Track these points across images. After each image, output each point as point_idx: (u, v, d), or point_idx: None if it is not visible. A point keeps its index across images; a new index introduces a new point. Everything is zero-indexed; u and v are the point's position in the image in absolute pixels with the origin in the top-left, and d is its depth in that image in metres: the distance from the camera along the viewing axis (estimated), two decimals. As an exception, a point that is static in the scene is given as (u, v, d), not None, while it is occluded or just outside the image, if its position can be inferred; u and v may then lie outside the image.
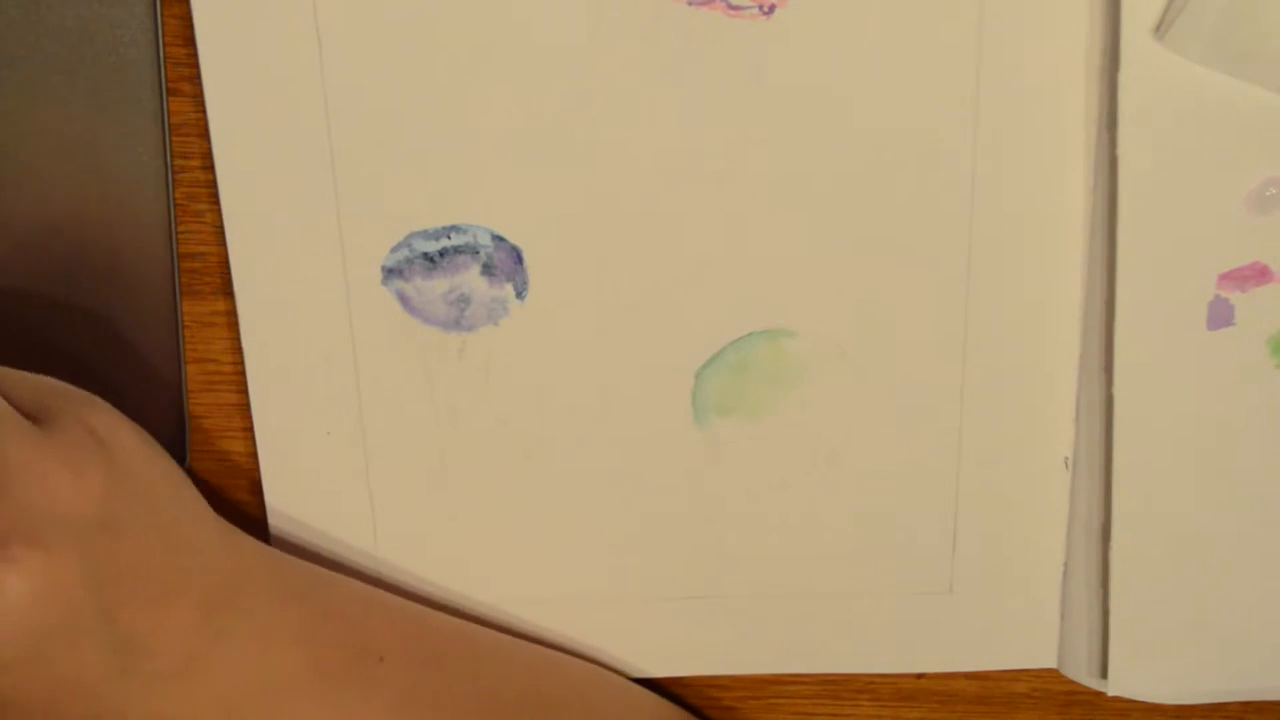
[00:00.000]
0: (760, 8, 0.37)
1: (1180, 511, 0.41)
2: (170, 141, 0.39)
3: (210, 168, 0.39)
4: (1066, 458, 0.42)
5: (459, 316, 0.40)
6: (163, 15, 0.38)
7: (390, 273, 0.40)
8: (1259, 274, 0.39)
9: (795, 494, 0.42)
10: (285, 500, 0.42)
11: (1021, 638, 0.44)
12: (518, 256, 0.40)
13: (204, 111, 0.38)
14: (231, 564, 0.38)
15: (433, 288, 0.40)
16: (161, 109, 0.39)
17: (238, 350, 0.41)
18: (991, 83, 0.38)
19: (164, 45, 0.38)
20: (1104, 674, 0.43)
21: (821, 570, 0.43)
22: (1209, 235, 0.39)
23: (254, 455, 0.42)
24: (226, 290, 0.40)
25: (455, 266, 0.40)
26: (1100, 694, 0.43)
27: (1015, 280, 0.40)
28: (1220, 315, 0.39)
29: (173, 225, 0.40)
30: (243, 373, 0.41)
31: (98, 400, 0.37)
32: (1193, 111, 0.37)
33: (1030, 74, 0.38)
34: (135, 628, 0.35)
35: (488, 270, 0.40)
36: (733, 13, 0.37)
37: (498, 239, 0.40)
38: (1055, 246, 0.40)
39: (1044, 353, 0.41)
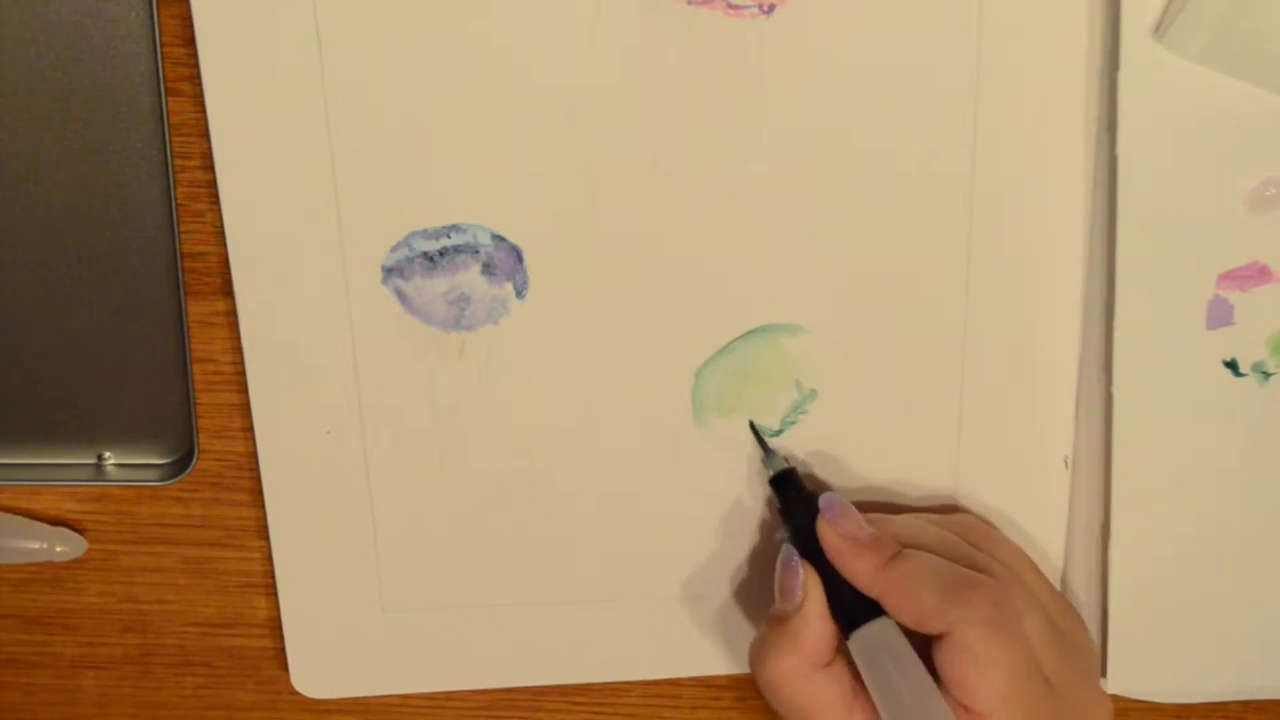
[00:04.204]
0: (760, 7, 0.37)
1: (1180, 511, 0.41)
2: (170, 141, 0.39)
3: (210, 168, 0.39)
4: (1066, 457, 0.42)
5: (459, 316, 0.40)
6: (162, 15, 0.38)
7: (390, 272, 0.40)
8: (1258, 274, 0.39)
9: (795, 494, 0.42)
10: (285, 500, 0.42)
11: (1021, 637, 0.44)
12: (518, 256, 0.40)
13: (204, 111, 0.38)
14: None
15: (433, 287, 0.40)
16: (161, 109, 0.39)
17: (238, 350, 0.41)
18: (991, 83, 0.38)
19: (163, 45, 0.38)
20: (1103, 673, 0.43)
21: (821, 570, 0.43)
22: (1208, 235, 0.39)
23: (254, 455, 0.42)
24: (226, 290, 0.40)
25: (455, 266, 0.40)
26: (1100, 693, 0.44)
27: (1015, 280, 0.40)
28: (1220, 315, 0.39)
29: (174, 225, 0.40)
30: (243, 373, 0.41)
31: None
32: (1192, 111, 0.38)
33: (1030, 74, 0.38)
34: None
35: (488, 270, 0.40)
36: (733, 12, 0.37)
37: (498, 238, 0.40)
38: (1055, 246, 0.40)
39: (1044, 353, 0.41)
